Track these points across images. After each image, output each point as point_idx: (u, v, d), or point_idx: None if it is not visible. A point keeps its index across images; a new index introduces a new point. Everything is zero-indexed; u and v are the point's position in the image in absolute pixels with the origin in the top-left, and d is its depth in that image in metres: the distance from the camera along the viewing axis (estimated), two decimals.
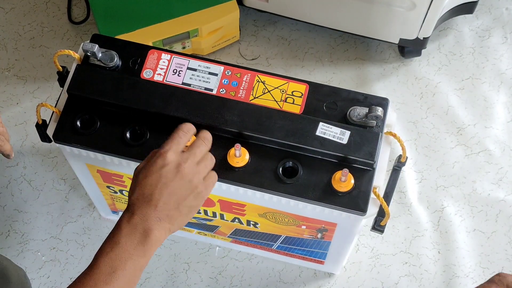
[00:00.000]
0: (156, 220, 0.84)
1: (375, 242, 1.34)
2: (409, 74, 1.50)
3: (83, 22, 1.53)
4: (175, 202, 0.85)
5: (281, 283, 1.31)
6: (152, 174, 0.85)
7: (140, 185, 0.85)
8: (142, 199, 0.84)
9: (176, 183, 0.85)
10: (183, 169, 0.86)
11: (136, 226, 0.83)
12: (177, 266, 1.32)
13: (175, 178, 0.85)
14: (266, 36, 1.54)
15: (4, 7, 1.56)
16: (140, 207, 0.84)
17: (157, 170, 0.85)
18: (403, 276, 1.31)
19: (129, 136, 0.98)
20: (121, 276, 0.80)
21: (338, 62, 1.51)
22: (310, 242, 1.15)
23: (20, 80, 1.48)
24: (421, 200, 1.38)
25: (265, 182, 0.96)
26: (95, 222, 1.35)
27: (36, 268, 1.31)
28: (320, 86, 1.02)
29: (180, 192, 0.86)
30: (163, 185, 0.85)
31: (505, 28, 1.56)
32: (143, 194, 0.84)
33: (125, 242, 0.82)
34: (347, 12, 1.39)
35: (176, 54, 1.04)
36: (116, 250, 0.81)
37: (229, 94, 1.00)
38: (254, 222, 1.12)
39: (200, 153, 0.90)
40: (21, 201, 1.37)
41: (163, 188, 0.85)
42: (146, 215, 0.83)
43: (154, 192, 0.84)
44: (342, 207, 0.94)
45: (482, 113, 1.47)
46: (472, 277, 1.31)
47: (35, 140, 1.41)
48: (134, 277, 0.82)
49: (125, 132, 0.98)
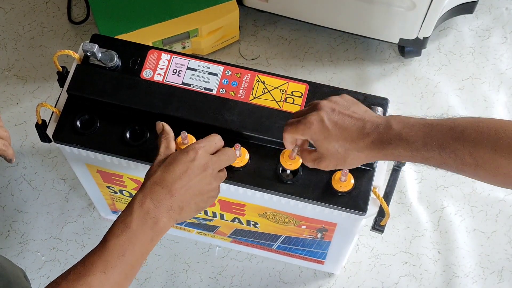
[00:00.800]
0: (168, 209, 0.84)
1: (375, 242, 1.34)
2: (409, 74, 1.50)
3: (83, 22, 1.53)
4: (190, 197, 0.86)
5: (281, 283, 1.31)
6: (180, 163, 0.85)
7: (165, 169, 0.85)
8: (160, 183, 0.84)
9: (198, 180, 0.87)
10: (208, 170, 0.88)
11: (148, 212, 0.83)
12: (177, 266, 1.32)
13: (199, 175, 0.87)
14: (266, 36, 1.54)
15: (4, 7, 1.56)
16: (156, 191, 0.84)
17: (187, 161, 0.86)
18: (403, 276, 1.31)
19: (129, 136, 0.98)
20: (129, 260, 0.81)
21: (338, 62, 1.51)
22: (310, 242, 1.15)
23: (20, 80, 1.48)
24: (421, 200, 1.38)
25: (265, 182, 0.96)
26: (95, 222, 1.35)
27: (36, 268, 1.31)
28: (320, 86, 1.02)
29: (198, 190, 0.87)
30: (187, 177, 0.85)
31: (505, 28, 1.56)
32: (164, 179, 0.85)
33: (136, 227, 0.82)
34: (347, 12, 1.39)
35: (176, 54, 1.04)
36: (127, 233, 0.81)
37: (229, 94, 1.00)
38: (254, 222, 1.12)
39: (225, 162, 0.91)
40: (21, 201, 1.37)
41: (185, 180, 0.85)
42: (160, 201, 0.84)
43: (176, 181, 0.85)
44: (342, 207, 0.94)
45: (482, 113, 1.47)
46: (472, 277, 1.31)
47: (35, 140, 1.41)
48: (140, 260, 0.83)
49: (125, 132, 0.98)
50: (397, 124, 0.77)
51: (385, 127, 0.78)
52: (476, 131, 0.72)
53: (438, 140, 0.74)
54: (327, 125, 0.80)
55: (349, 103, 0.83)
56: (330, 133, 0.80)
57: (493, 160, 0.70)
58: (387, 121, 0.78)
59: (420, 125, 0.76)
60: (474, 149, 0.71)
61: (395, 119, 0.78)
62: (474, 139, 0.72)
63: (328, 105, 0.82)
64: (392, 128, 0.77)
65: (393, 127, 0.77)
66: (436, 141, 0.74)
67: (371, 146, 0.78)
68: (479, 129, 0.72)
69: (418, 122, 0.76)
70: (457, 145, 0.72)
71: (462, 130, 0.73)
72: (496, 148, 0.70)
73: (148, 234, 0.82)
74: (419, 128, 0.76)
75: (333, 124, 0.80)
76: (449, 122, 0.74)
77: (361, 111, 0.82)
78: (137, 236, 0.82)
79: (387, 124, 0.78)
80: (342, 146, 0.80)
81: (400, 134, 0.76)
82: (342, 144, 0.80)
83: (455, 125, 0.74)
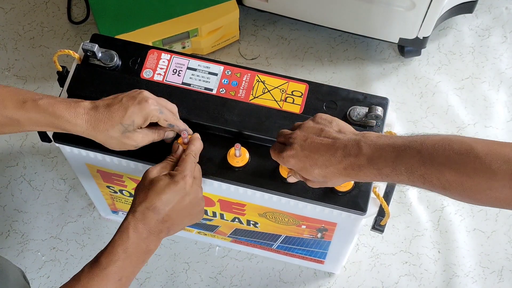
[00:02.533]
0: (159, 232, 0.88)
1: (375, 241, 1.34)
2: (408, 74, 1.50)
3: (83, 22, 1.53)
4: (181, 220, 0.90)
5: (281, 282, 1.31)
6: (172, 193, 0.87)
7: (157, 197, 0.87)
8: (153, 210, 0.87)
9: (189, 207, 0.90)
10: (198, 197, 0.91)
11: (142, 237, 0.86)
12: (177, 265, 1.32)
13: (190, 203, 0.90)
14: (265, 36, 1.54)
15: (4, 7, 1.56)
16: (148, 217, 0.86)
17: (179, 191, 0.88)
18: (403, 275, 1.31)
19: None
20: (125, 282, 0.86)
21: (338, 61, 1.51)
22: (310, 241, 1.15)
23: (20, 80, 1.48)
24: (421, 199, 1.38)
25: (265, 182, 0.96)
26: (95, 222, 1.35)
27: (36, 268, 1.31)
28: (320, 86, 1.02)
29: (188, 213, 0.91)
30: (178, 205, 0.88)
31: (504, 27, 1.56)
32: (155, 207, 0.87)
33: (132, 252, 0.85)
34: (347, 11, 1.39)
35: (176, 54, 1.04)
36: (124, 260, 0.85)
37: (229, 94, 1.00)
38: (254, 222, 1.12)
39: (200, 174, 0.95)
40: (21, 201, 1.37)
41: (177, 208, 0.88)
42: (152, 227, 0.87)
43: (168, 211, 0.88)
44: (342, 206, 0.94)
45: (482, 112, 1.47)
46: (472, 277, 1.31)
47: (35, 140, 1.41)
48: (132, 279, 0.87)
49: None
50: (367, 148, 0.80)
51: (355, 151, 0.80)
52: (443, 154, 0.74)
53: (406, 164, 0.76)
54: (300, 158, 0.84)
55: (322, 124, 0.86)
56: (305, 164, 0.84)
57: (459, 183, 0.73)
58: (357, 144, 0.81)
59: (390, 148, 0.78)
60: (440, 174, 0.74)
61: (366, 141, 0.80)
62: (440, 162, 0.74)
63: (300, 135, 0.85)
64: (362, 153, 0.80)
65: (363, 151, 0.80)
66: (405, 166, 0.76)
67: (344, 172, 0.82)
68: (446, 152, 0.74)
69: (387, 144, 0.79)
70: (425, 169, 0.75)
71: (430, 154, 0.75)
72: (462, 170, 0.72)
73: (142, 257, 0.87)
74: (388, 152, 0.78)
75: (305, 155, 0.84)
76: (417, 145, 0.76)
77: (333, 132, 0.84)
78: (133, 260, 0.86)
79: (358, 147, 0.80)
80: (320, 173, 0.84)
81: (370, 160, 0.79)
82: (319, 171, 0.84)
83: (423, 148, 0.76)
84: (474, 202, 0.75)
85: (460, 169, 0.72)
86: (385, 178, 0.79)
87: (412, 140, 0.77)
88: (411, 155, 0.76)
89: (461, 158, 0.73)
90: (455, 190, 0.74)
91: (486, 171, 0.71)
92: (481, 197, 0.73)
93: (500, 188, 0.71)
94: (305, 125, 0.87)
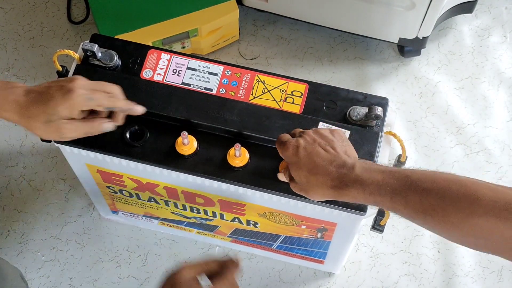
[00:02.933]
0: None
1: (375, 241, 1.34)
2: (408, 74, 1.50)
3: (83, 22, 1.53)
4: None
5: (281, 282, 1.31)
6: None
7: None
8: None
9: None
10: None
11: None
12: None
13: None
14: (265, 36, 1.54)
15: (4, 7, 1.56)
16: None
17: None
18: (402, 275, 1.31)
19: (129, 136, 0.98)
20: None
21: (338, 61, 1.51)
22: (310, 241, 1.15)
23: (20, 80, 1.48)
24: None
25: (265, 182, 0.96)
26: (95, 222, 1.35)
27: (36, 268, 1.31)
28: (319, 86, 1.02)
29: None
30: None
31: (504, 27, 1.56)
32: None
33: None
34: (347, 11, 1.39)
35: (175, 54, 1.04)
36: None
37: (229, 94, 1.00)
38: (254, 222, 1.12)
39: None
40: (21, 201, 1.37)
41: None
42: None
43: None
44: (342, 206, 0.94)
45: (481, 112, 1.47)
46: (471, 276, 1.31)
47: (35, 140, 1.41)
48: None
49: (125, 132, 0.98)
50: (360, 168, 0.81)
51: (349, 168, 0.82)
52: (429, 180, 0.76)
53: (392, 185, 0.78)
54: (300, 152, 0.84)
55: (335, 138, 0.87)
56: (299, 160, 0.84)
57: (441, 208, 0.74)
58: (353, 163, 0.82)
59: (380, 171, 0.80)
60: (423, 197, 0.75)
61: (362, 164, 0.82)
62: (426, 187, 0.75)
63: (312, 135, 0.86)
64: (354, 171, 0.81)
65: (356, 170, 0.81)
66: (390, 186, 0.78)
67: (329, 184, 0.82)
68: (433, 179, 0.76)
69: (379, 168, 0.81)
70: (409, 192, 0.76)
71: (417, 178, 0.77)
72: (446, 196, 0.73)
73: None
74: (377, 173, 0.80)
75: (305, 153, 0.84)
76: (408, 171, 0.78)
77: (340, 149, 0.85)
78: None
79: (352, 166, 0.82)
80: (306, 177, 0.84)
81: (358, 177, 0.80)
82: (306, 174, 0.84)
83: (412, 174, 0.78)
84: (455, 231, 0.75)
85: (445, 193, 0.74)
86: (367, 197, 0.80)
87: (405, 168, 0.80)
88: (399, 177, 0.78)
89: (446, 183, 0.74)
90: (437, 215, 0.74)
91: (471, 196, 0.72)
92: (464, 225, 0.73)
93: (483, 215, 0.71)
94: (320, 131, 0.88)
